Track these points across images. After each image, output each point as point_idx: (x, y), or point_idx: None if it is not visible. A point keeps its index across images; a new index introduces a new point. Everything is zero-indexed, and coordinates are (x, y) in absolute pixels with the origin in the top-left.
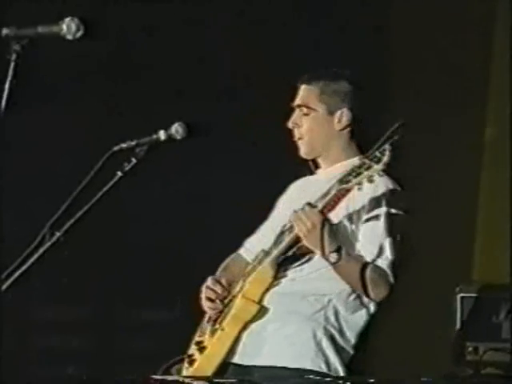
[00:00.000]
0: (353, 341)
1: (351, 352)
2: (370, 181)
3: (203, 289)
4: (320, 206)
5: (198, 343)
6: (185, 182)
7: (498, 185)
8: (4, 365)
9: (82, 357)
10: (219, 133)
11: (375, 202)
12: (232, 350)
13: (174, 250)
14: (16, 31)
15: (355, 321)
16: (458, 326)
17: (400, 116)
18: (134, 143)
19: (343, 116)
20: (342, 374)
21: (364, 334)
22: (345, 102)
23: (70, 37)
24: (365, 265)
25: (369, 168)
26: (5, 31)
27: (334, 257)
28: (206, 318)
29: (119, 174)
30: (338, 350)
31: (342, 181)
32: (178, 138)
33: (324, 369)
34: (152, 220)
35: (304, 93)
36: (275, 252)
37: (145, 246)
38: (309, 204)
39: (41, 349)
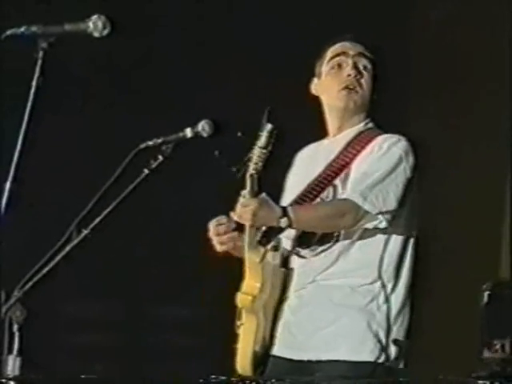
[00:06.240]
0: (402, 329)
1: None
2: None
3: (211, 234)
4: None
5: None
6: (211, 179)
7: None
8: (31, 361)
9: (110, 354)
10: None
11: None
12: (282, 344)
13: (202, 247)
14: (43, 29)
15: (403, 311)
16: (485, 323)
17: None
18: (160, 141)
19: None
20: (400, 363)
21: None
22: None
23: (96, 34)
24: (320, 205)
25: None
26: (32, 29)
27: (284, 222)
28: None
29: (146, 171)
30: (392, 339)
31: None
32: (205, 135)
33: (382, 359)
34: (179, 217)
35: (358, 47)
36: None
37: (172, 243)
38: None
39: (67, 346)
